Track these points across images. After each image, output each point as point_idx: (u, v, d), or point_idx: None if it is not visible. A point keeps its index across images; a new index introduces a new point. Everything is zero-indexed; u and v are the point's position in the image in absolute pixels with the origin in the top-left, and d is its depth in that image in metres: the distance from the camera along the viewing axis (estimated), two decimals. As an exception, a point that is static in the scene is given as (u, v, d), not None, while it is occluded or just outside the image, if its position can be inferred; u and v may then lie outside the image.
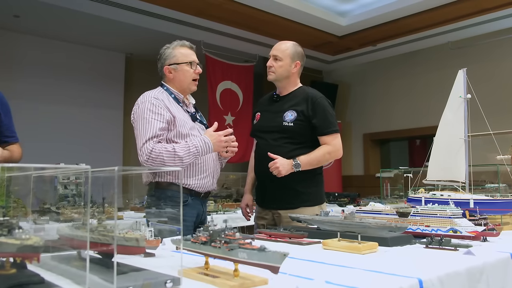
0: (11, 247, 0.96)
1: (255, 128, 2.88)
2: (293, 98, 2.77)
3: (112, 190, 1.10)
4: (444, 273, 1.34)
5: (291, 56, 2.75)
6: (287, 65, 2.75)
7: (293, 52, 2.77)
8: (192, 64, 2.55)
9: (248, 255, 1.13)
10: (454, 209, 2.00)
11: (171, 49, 2.55)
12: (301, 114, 2.67)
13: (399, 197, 5.00)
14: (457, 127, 2.48)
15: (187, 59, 2.54)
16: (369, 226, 1.79)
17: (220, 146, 2.43)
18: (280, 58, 2.75)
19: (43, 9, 5.61)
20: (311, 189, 2.72)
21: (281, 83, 2.81)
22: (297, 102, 2.73)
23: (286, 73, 2.76)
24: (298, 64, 2.78)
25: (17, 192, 1.67)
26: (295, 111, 2.69)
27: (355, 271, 1.36)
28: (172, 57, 2.54)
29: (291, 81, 2.80)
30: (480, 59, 6.59)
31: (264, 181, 2.79)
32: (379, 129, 8.10)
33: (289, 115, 2.69)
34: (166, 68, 2.54)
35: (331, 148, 2.68)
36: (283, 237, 2.01)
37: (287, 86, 2.81)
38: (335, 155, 2.73)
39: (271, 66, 2.77)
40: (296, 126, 2.66)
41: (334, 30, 6.67)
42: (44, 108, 6.54)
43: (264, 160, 2.62)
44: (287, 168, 2.56)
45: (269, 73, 2.80)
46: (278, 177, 2.59)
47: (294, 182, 2.63)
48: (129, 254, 1.23)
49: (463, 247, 1.73)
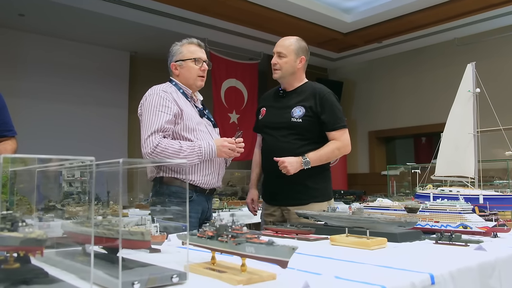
0: (14, 240, 0.95)
1: (262, 123, 2.84)
2: (300, 93, 2.74)
3: (117, 183, 1.08)
4: (455, 269, 1.32)
5: (296, 51, 2.72)
6: (292, 61, 2.71)
7: (297, 47, 2.73)
8: (197, 61, 2.55)
9: (255, 249, 1.11)
10: (464, 204, 1.97)
11: (179, 46, 2.58)
12: (310, 110, 2.65)
13: (406, 195, 4.97)
14: (466, 122, 2.44)
15: (192, 55, 2.55)
16: (377, 222, 1.76)
17: (222, 151, 2.41)
18: (285, 54, 2.71)
19: (47, 7, 5.61)
20: (320, 185, 2.70)
21: (286, 79, 2.77)
22: (304, 98, 2.70)
23: (291, 69, 2.73)
24: (303, 59, 2.75)
25: (22, 189, 1.66)
26: (303, 107, 2.66)
27: (364, 267, 1.33)
28: (178, 54, 2.56)
29: (297, 77, 2.77)
30: (487, 56, 6.52)
31: (272, 178, 2.76)
32: (384, 127, 8.05)
33: (297, 111, 2.66)
34: (173, 64, 2.57)
35: (340, 144, 2.66)
36: (289, 233, 1.98)
37: (293, 82, 2.78)
38: (344, 150, 2.70)
39: (276, 64, 2.73)
40: (304, 122, 2.64)
41: (339, 27, 6.63)
42: (48, 106, 6.55)
43: (272, 156, 2.60)
44: (296, 166, 2.54)
45: (275, 71, 2.75)
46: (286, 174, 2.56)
47: (303, 178, 2.60)
48: (134, 248, 1.22)
49: (474, 243, 1.69)
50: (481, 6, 5.77)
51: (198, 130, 2.43)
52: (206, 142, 2.38)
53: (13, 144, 2.51)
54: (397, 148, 9.11)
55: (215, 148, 2.38)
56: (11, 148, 2.47)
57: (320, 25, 6.45)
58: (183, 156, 2.28)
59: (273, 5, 5.73)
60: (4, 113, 2.51)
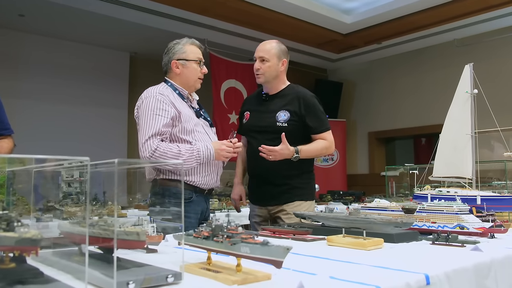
0: (9, 240, 0.95)
1: (247, 127, 2.87)
2: (283, 97, 2.77)
3: (113, 183, 1.08)
4: (451, 269, 1.32)
5: (277, 55, 2.74)
6: (275, 65, 2.74)
7: (279, 50, 2.76)
8: (200, 63, 2.56)
9: (250, 249, 1.11)
10: (461, 205, 1.97)
11: (181, 45, 2.55)
12: (294, 114, 2.69)
13: (405, 196, 4.97)
14: (463, 123, 2.45)
15: (196, 57, 2.55)
16: (374, 222, 1.76)
17: (221, 155, 2.43)
18: (267, 59, 2.73)
19: (48, 8, 5.61)
20: (304, 185, 2.76)
21: (270, 83, 2.80)
22: (288, 102, 2.74)
23: (275, 73, 2.76)
24: (285, 62, 2.79)
25: (20, 190, 1.66)
26: (288, 111, 2.70)
27: (360, 267, 1.33)
28: (182, 52, 2.53)
29: (280, 80, 2.80)
30: (486, 57, 6.52)
31: (257, 180, 2.81)
32: (384, 128, 8.05)
33: (282, 115, 2.70)
34: (174, 62, 2.52)
35: (328, 144, 2.74)
36: (287, 233, 1.99)
37: (276, 85, 2.81)
38: (330, 150, 2.79)
39: (258, 69, 2.75)
40: (290, 126, 2.67)
41: (338, 28, 6.62)
42: (48, 107, 6.55)
43: (257, 159, 2.64)
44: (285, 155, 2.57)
45: (258, 76, 2.77)
46: (271, 175, 2.65)
47: (288, 179, 2.68)
48: (129, 248, 1.22)
49: (470, 244, 1.70)
50: (481, 7, 5.77)
51: (195, 131, 2.43)
52: (204, 145, 2.38)
53: (9, 143, 2.50)
54: (397, 149, 9.11)
55: (214, 152, 2.39)
56: (7, 146, 2.46)
57: (320, 26, 6.45)
58: (181, 160, 2.29)
59: (272, 6, 5.73)
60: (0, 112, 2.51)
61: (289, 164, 2.61)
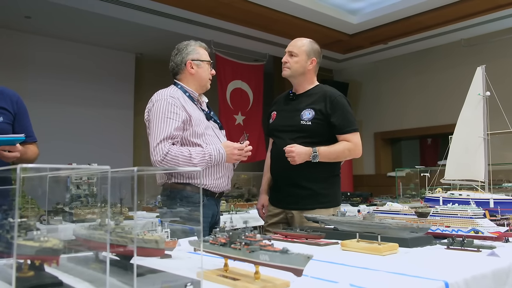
0: (29, 249, 0.94)
1: (272, 127, 2.83)
2: (310, 96, 2.72)
3: (129, 190, 1.07)
4: (470, 276, 1.30)
5: (307, 52, 2.71)
6: (303, 61, 2.71)
7: (310, 48, 2.73)
8: (211, 65, 2.59)
9: (270, 257, 1.10)
10: (475, 209, 1.95)
11: (194, 46, 2.56)
12: (319, 112, 2.63)
13: (412, 196, 4.95)
14: (475, 125, 2.42)
15: (208, 58, 2.59)
16: (389, 227, 1.74)
17: (232, 158, 2.43)
18: (296, 54, 2.71)
19: (54, 9, 5.63)
20: (328, 191, 2.67)
21: (296, 79, 2.76)
22: (314, 100, 2.68)
23: (301, 69, 2.72)
24: (314, 61, 2.74)
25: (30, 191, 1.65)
26: (313, 109, 2.64)
27: (378, 273, 1.32)
28: (196, 53, 2.54)
29: (307, 78, 2.76)
30: (493, 57, 6.49)
31: (279, 181, 2.75)
32: (390, 128, 8.02)
33: (307, 113, 2.65)
34: (189, 62, 2.52)
35: (352, 146, 2.65)
36: (299, 237, 1.97)
37: (303, 84, 2.77)
38: (354, 153, 2.68)
39: (286, 62, 2.73)
40: (314, 125, 2.62)
41: (345, 28, 6.61)
42: (54, 108, 6.56)
43: (281, 159, 2.59)
44: (304, 157, 2.52)
45: (284, 69, 2.75)
46: (294, 178, 2.56)
47: (311, 182, 2.60)
48: (148, 256, 1.21)
49: (486, 248, 1.68)
50: (488, 6, 5.73)
51: (206, 134, 2.43)
52: (216, 149, 2.37)
53: (34, 150, 2.48)
54: (403, 149, 9.08)
55: (225, 155, 2.38)
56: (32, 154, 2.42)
57: (326, 26, 6.44)
58: (193, 164, 2.28)
59: (278, 6, 5.72)
60: (24, 118, 2.48)
61: (313, 166, 2.54)
